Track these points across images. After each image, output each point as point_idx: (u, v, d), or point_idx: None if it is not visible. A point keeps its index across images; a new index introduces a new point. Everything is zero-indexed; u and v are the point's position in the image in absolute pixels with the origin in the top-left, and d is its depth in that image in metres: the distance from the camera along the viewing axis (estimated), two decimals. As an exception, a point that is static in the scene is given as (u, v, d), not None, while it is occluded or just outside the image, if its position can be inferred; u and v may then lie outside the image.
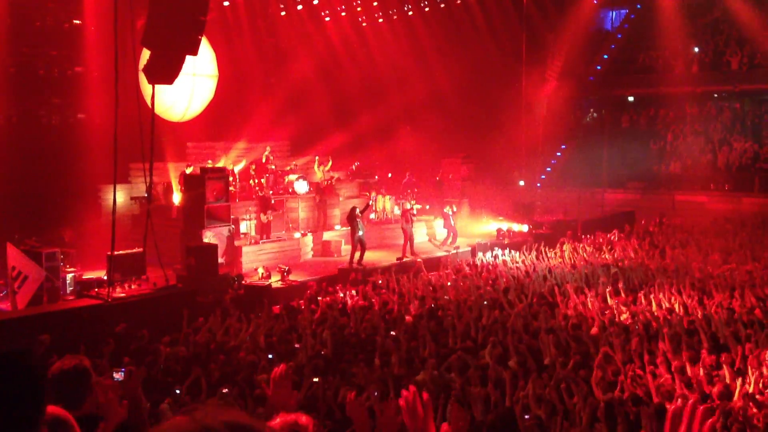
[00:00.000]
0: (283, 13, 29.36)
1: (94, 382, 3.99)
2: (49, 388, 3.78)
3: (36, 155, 21.30)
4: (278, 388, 3.60)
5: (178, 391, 9.37)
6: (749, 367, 10.05)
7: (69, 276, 16.67)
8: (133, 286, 16.15)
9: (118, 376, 4.66)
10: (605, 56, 39.48)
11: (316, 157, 25.27)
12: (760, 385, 9.60)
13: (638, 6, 40.46)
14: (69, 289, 16.48)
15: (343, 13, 30.91)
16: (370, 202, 23.97)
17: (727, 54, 35.08)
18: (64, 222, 19.99)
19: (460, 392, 9.48)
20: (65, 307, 15.04)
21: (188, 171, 22.04)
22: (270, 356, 11.15)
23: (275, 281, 18.27)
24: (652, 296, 14.91)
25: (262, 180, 23.18)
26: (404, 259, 21.34)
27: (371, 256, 21.49)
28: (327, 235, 23.21)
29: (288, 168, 24.98)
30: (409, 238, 22.32)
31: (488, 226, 26.75)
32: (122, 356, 11.02)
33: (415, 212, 23.36)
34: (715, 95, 36.11)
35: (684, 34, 35.68)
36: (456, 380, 9.96)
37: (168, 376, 10.35)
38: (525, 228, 25.75)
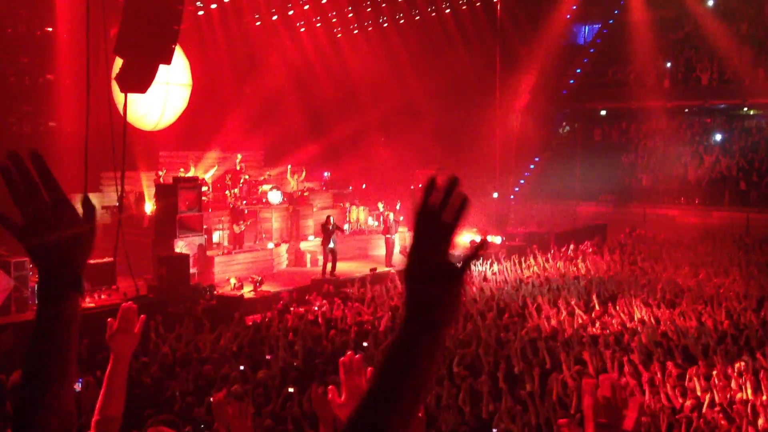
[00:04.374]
0: (258, 23, 29.32)
1: None
2: (7, 397, 3.70)
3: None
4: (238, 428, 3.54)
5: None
6: (719, 380, 10.13)
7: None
8: (103, 296, 15.98)
9: (76, 386, 4.55)
10: (578, 70, 39.89)
11: (289, 167, 25.20)
12: (729, 397, 9.68)
13: (611, 21, 40.94)
14: (38, 298, 16.25)
15: (318, 24, 30.94)
16: (345, 227, 23.90)
17: (698, 69, 35.58)
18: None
19: (432, 404, 9.47)
20: (34, 317, 14.82)
21: (161, 173, 21.97)
22: (242, 368, 11.07)
23: (247, 292, 18.17)
24: (623, 308, 15.01)
25: (235, 190, 23.08)
26: (377, 270, 21.32)
27: (345, 267, 21.44)
28: (304, 245, 23.14)
29: (262, 178, 24.90)
30: (390, 248, 22.41)
31: (461, 237, 26.75)
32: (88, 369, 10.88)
33: (396, 220, 23.43)
34: (686, 110, 36.58)
35: (655, 49, 36.16)
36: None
37: (136, 389, 10.23)
38: (498, 240, 25.83)
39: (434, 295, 1.49)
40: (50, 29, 23.30)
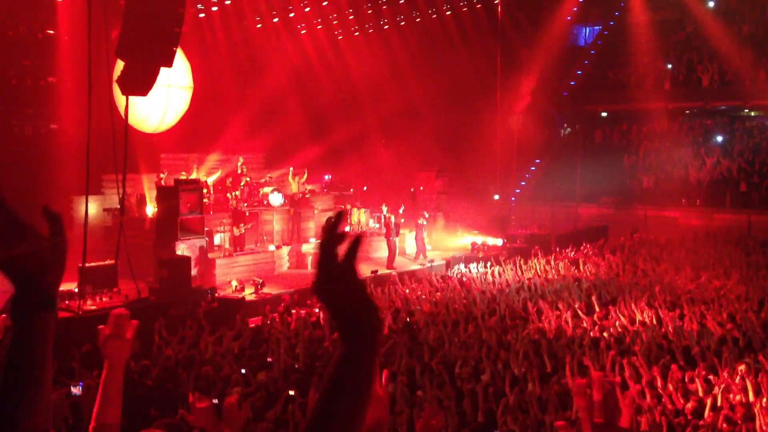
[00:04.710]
0: (259, 26, 29.35)
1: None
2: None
3: (7, 165, 21.07)
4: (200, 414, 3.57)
5: None
6: (720, 383, 10.13)
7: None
8: (104, 299, 15.98)
9: (76, 390, 4.55)
10: (579, 72, 39.90)
11: (290, 169, 25.21)
12: (731, 400, 9.68)
13: (611, 23, 40.97)
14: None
15: (319, 26, 30.96)
16: (346, 230, 23.96)
17: (699, 71, 35.58)
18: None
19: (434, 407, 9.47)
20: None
21: (162, 176, 21.99)
22: (243, 371, 11.07)
23: (249, 294, 18.17)
24: (624, 310, 15.01)
25: (236, 192, 23.10)
26: (379, 273, 21.31)
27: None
28: (305, 248, 23.13)
29: (263, 180, 24.91)
30: (392, 250, 22.42)
31: (463, 239, 26.81)
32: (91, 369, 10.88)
33: (397, 223, 23.41)
34: (687, 111, 36.59)
35: (656, 50, 36.20)
36: (426, 395, 9.94)
37: (138, 390, 10.24)
38: (499, 242, 25.84)
39: (345, 305, 1.58)
40: (51, 32, 23.34)
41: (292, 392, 9.88)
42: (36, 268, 1.66)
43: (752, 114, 36.08)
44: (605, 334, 13.38)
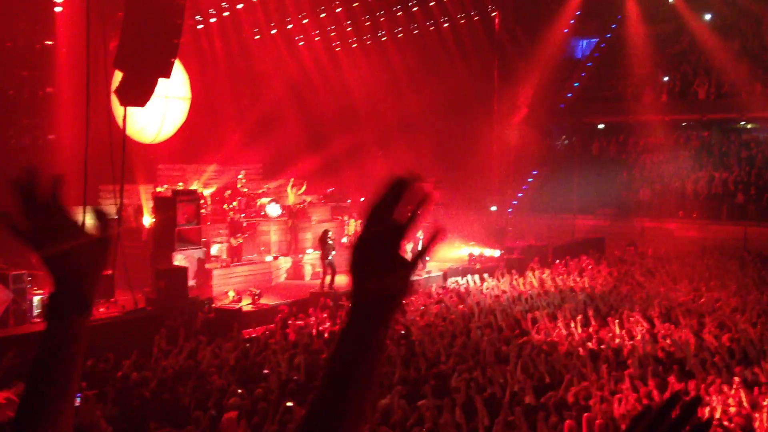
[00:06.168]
0: (257, 37, 29.40)
1: None
2: None
3: (5, 176, 21.06)
4: None
5: None
6: (716, 396, 10.13)
7: (36, 298, 16.41)
8: (101, 309, 15.95)
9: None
10: (576, 84, 39.99)
11: (291, 180, 25.21)
12: (727, 413, 9.68)
13: (608, 35, 41.11)
14: (36, 311, 16.24)
15: (317, 38, 31.03)
16: (344, 240, 24.01)
17: (695, 83, 35.69)
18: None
19: (431, 419, 9.46)
20: (32, 329, 14.82)
21: (160, 189, 21.98)
22: (241, 385, 11.05)
23: (246, 304, 18.16)
24: (621, 323, 15.01)
25: (234, 203, 23.12)
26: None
27: (344, 280, 21.40)
28: (305, 258, 23.11)
29: (260, 191, 24.92)
30: None
31: (460, 251, 26.81)
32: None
33: None
34: (684, 124, 36.67)
35: (653, 63, 36.34)
36: (427, 407, 9.92)
37: (135, 400, 10.22)
38: (497, 253, 25.86)
39: (381, 288, 1.52)
40: (50, 43, 23.35)
41: (290, 404, 9.87)
42: (78, 265, 1.68)
43: (748, 126, 36.19)
44: (602, 347, 13.38)
